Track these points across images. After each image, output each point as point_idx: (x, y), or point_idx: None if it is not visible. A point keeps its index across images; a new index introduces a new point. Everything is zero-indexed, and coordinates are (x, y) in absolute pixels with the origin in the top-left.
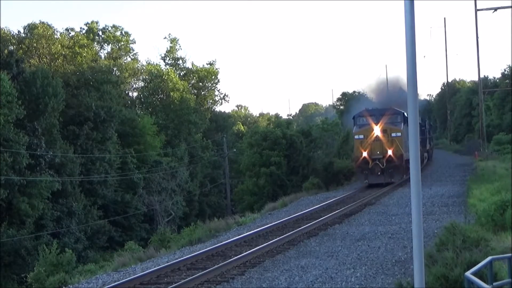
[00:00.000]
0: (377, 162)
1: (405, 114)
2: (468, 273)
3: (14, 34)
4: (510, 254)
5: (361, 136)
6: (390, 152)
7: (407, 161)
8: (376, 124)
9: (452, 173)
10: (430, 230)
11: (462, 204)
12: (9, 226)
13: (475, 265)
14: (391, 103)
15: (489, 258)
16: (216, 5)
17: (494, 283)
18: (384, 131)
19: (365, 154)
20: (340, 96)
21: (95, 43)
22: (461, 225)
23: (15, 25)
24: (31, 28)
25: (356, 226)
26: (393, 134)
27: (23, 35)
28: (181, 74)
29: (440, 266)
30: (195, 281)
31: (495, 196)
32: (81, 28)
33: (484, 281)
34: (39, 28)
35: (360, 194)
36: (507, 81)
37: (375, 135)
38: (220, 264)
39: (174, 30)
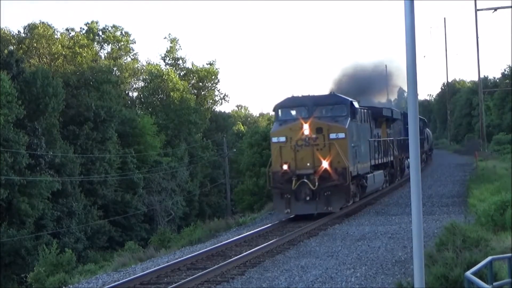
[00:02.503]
0: (305, 181)
1: (355, 103)
2: (468, 273)
3: (14, 34)
4: (510, 254)
5: (282, 139)
6: (325, 164)
7: (360, 177)
8: (307, 119)
9: (452, 173)
10: (430, 230)
11: (462, 204)
12: (9, 226)
13: (475, 265)
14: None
15: (489, 258)
16: (216, 5)
17: (494, 283)
18: (317, 130)
19: (285, 167)
20: None
21: (95, 43)
22: (461, 225)
23: (15, 25)
24: (31, 28)
25: (356, 226)
26: (333, 136)
27: (23, 35)
28: (181, 74)
29: (440, 266)
30: (195, 281)
31: (495, 196)
32: (81, 28)
33: (484, 281)
34: (39, 28)
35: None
36: (507, 81)
37: (302, 137)
38: (220, 264)
39: (174, 30)
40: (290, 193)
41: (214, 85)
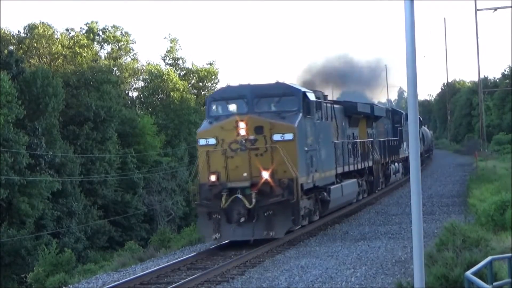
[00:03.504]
0: (240, 196)
1: (310, 94)
2: (468, 273)
3: (14, 34)
4: (510, 254)
5: (211, 141)
6: (265, 174)
7: (320, 190)
8: (243, 115)
9: (452, 173)
10: (430, 230)
11: (462, 204)
12: (9, 226)
13: (475, 265)
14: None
15: (489, 258)
16: (216, 5)
17: (494, 283)
18: (257, 129)
19: (213, 178)
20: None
21: (95, 43)
22: (461, 225)
23: (15, 25)
24: (31, 28)
25: (356, 226)
26: (277, 137)
27: (23, 35)
28: (181, 74)
29: (440, 266)
30: (195, 281)
31: (495, 196)
32: (81, 28)
33: (484, 281)
34: (39, 28)
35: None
36: (507, 81)
37: (237, 139)
38: (220, 264)
39: (174, 30)
40: (220, 213)
41: (214, 85)
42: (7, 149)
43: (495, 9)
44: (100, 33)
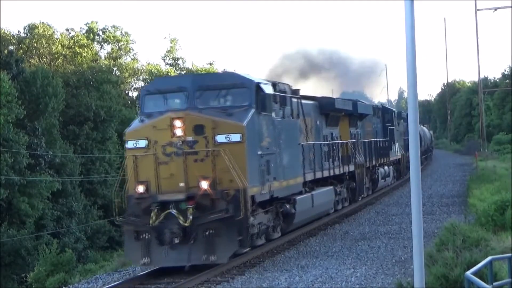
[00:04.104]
0: (173, 212)
1: (267, 86)
2: (468, 273)
3: (14, 34)
4: (510, 254)
5: (141, 143)
6: (205, 184)
7: (282, 201)
8: (181, 111)
9: (452, 173)
10: (430, 230)
11: (462, 204)
12: (9, 226)
13: (475, 265)
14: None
15: (489, 258)
16: (216, 5)
17: (494, 283)
18: (196, 129)
19: (141, 189)
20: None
21: (95, 43)
22: (461, 225)
23: (15, 25)
24: (31, 28)
25: (356, 226)
26: (221, 139)
27: (23, 35)
28: (181, 74)
29: (440, 266)
30: (195, 281)
31: (495, 196)
32: (81, 28)
33: (484, 281)
34: (39, 28)
35: None
36: (507, 81)
37: (173, 141)
38: (220, 264)
39: (174, 30)
40: (149, 232)
41: None
42: (7, 149)
43: (495, 9)
44: (100, 33)
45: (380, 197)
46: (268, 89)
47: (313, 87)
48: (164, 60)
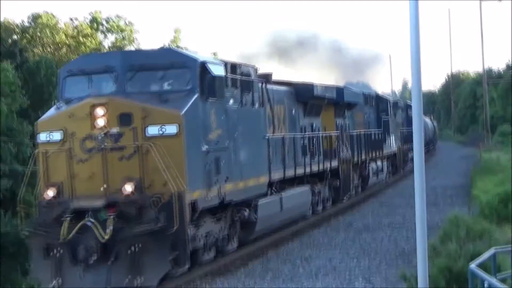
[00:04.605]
0: (90, 223)
1: (215, 67)
2: (472, 265)
3: (18, 23)
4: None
5: (55, 136)
6: (129, 187)
7: (240, 206)
8: (104, 97)
9: (456, 164)
10: (433, 222)
11: (465, 195)
12: (13, 216)
13: (478, 256)
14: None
15: (492, 250)
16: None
17: (498, 275)
18: (123, 119)
19: (51, 193)
20: None
21: (99, 32)
22: (465, 217)
23: (19, 15)
24: (35, 17)
25: (360, 217)
26: (152, 131)
27: (27, 25)
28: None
29: (444, 258)
30: (197, 271)
31: (498, 187)
32: (84, 17)
33: (488, 273)
34: (42, 18)
35: None
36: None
37: (94, 134)
38: (223, 255)
39: (178, 19)
40: (62, 247)
41: None
42: (11, 139)
43: None
44: (104, 22)
45: (381, 189)
46: (218, 70)
47: (315, 78)
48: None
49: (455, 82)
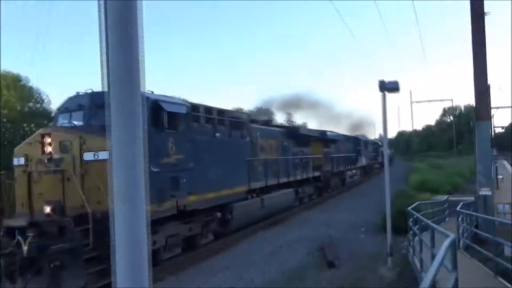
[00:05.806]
0: (19, 240)
1: (168, 105)
2: (409, 208)
3: None
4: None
5: (21, 160)
6: (47, 209)
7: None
8: (50, 128)
9: (402, 169)
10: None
11: (405, 181)
12: None
13: (411, 205)
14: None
15: (417, 202)
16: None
17: (419, 213)
18: (63, 146)
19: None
20: None
21: None
22: (404, 189)
23: None
24: None
25: (332, 204)
26: (88, 157)
27: None
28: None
29: (397, 206)
30: (156, 268)
31: (420, 176)
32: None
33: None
34: None
35: None
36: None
37: (43, 158)
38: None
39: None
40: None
41: None
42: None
43: None
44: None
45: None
46: (174, 108)
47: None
48: None
49: (399, 134)
